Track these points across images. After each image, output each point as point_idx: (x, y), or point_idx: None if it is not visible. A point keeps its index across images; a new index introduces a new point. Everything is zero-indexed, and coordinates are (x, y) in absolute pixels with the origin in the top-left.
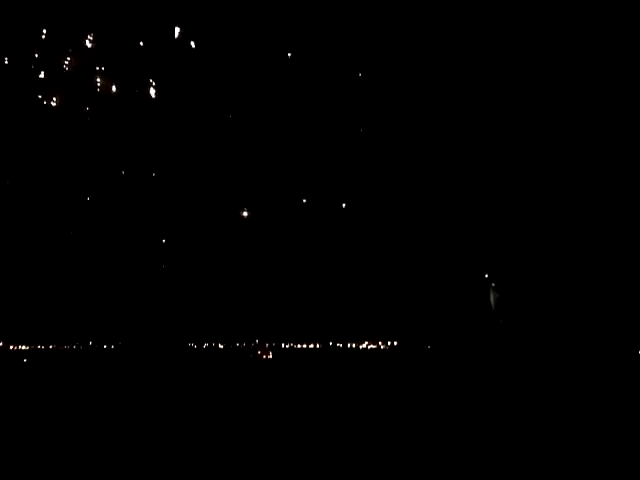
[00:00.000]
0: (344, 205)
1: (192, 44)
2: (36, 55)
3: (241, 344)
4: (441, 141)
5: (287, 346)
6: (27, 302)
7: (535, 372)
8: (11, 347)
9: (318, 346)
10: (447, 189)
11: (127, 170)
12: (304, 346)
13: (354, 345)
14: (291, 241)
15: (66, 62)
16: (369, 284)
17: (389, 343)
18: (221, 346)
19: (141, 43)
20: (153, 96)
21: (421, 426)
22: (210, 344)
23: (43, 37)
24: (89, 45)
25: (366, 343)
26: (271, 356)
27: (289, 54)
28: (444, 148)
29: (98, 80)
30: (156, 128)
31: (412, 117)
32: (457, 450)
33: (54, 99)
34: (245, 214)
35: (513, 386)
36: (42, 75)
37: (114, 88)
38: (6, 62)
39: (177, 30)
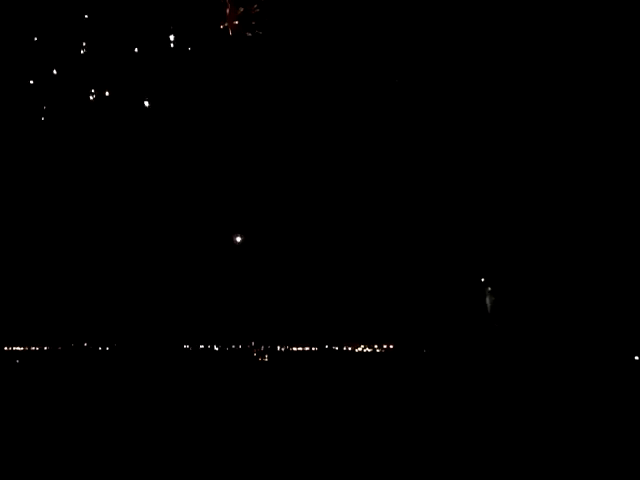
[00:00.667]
0: (338, 208)
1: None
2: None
3: (236, 346)
4: (438, 145)
5: (283, 349)
6: (22, 303)
7: (531, 376)
8: (5, 348)
9: (314, 349)
10: (442, 193)
11: (125, 173)
12: (300, 349)
13: (350, 348)
14: (288, 243)
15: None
16: (365, 287)
17: (385, 346)
18: (216, 348)
19: (138, 51)
20: (150, 113)
21: (416, 429)
22: (205, 346)
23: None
24: (86, 51)
25: (362, 346)
26: (267, 359)
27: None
28: (441, 151)
29: (90, 100)
30: (154, 130)
31: (406, 126)
32: (452, 453)
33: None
34: (240, 217)
35: (509, 390)
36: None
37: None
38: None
39: (175, 39)
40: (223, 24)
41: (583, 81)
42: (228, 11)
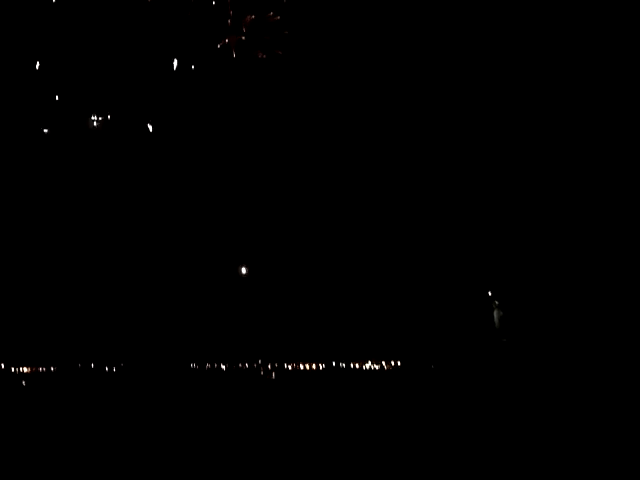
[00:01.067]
0: (345, 226)
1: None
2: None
3: (243, 365)
4: (445, 160)
5: (290, 367)
6: (29, 324)
7: (540, 390)
8: (12, 369)
9: (322, 366)
10: (449, 208)
11: (132, 194)
12: (307, 367)
13: (357, 365)
14: (294, 260)
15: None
16: (371, 304)
17: (392, 363)
18: (223, 367)
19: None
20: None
21: (426, 446)
22: (212, 365)
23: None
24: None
25: (369, 363)
26: (274, 377)
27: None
28: (447, 167)
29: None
30: (158, 155)
31: (413, 142)
32: (461, 469)
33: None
34: (247, 236)
35: (517, 405)
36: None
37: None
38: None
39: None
40: (224, 42)
41: (583, 82)
42: (230, 21)
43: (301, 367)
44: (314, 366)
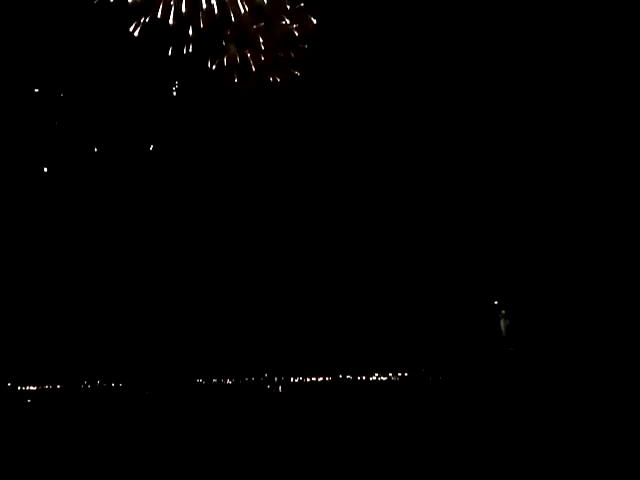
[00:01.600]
0: (351, 240)
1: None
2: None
3: (249, 379)
4: (454, 169)
5: (296, 380)
6: (35, 343)
7: (546, 398)
8: (19, 388)
9: (328, 379)
10: (456, 223)
11: (135, 211)
12: (314, 379)
13: (364, 377)
14: (301, 275)
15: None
16: (379, 314)
17: (399, 374)
18: (229, 382)
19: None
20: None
21: (433, 455)
22: (218, 380)
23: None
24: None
25: (376, 375)
26: (280, 390)
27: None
28: (455, 177)
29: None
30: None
31: (423, 158)
32: (468, 476)
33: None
34: (253, 254)
35: (525, 412)
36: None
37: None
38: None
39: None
40: (221, 59)
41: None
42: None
43: (307, 380)
44: (320, 379)
